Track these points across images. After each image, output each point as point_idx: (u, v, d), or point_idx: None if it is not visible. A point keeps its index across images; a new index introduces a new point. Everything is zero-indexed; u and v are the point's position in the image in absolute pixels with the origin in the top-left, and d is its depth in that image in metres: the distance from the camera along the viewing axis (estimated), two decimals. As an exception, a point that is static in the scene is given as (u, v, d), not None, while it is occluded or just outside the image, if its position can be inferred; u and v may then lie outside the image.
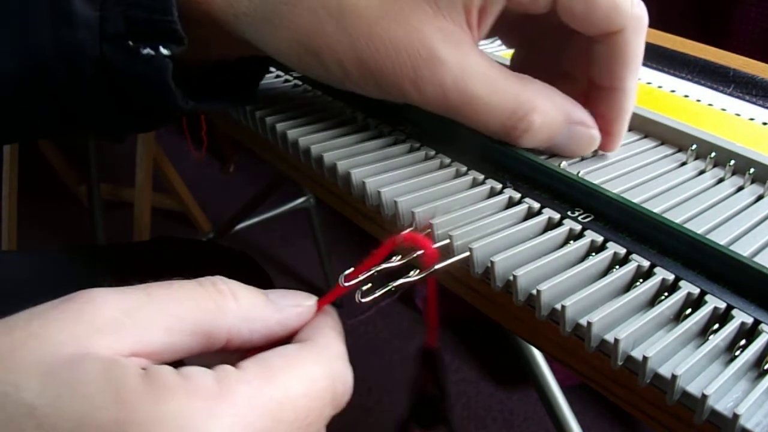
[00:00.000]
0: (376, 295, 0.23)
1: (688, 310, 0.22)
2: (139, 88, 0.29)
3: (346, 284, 0.23)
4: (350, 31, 0.27)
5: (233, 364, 0.19)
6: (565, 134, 0.30)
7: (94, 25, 0.27)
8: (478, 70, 0.27)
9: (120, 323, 0.18)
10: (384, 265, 0.23)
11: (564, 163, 0.30)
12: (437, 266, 0.24)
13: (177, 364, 0.19)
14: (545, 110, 0.28)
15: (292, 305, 0.22)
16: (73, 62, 0.28)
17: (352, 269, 0.23)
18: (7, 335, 0.17)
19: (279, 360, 0.20)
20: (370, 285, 0.24)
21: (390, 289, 0.24)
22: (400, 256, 0.24)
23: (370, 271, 0.23)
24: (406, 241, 0.24)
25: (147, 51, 0.28)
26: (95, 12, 0.27)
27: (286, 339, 0.22)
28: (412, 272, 0.24)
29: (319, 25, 0.27)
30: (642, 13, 0.28)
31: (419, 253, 0.24)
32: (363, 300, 0.23)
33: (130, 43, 0.28)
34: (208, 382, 0.18)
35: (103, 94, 0.29)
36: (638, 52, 0.29)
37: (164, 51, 0.28)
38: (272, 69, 0.41)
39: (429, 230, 0.25)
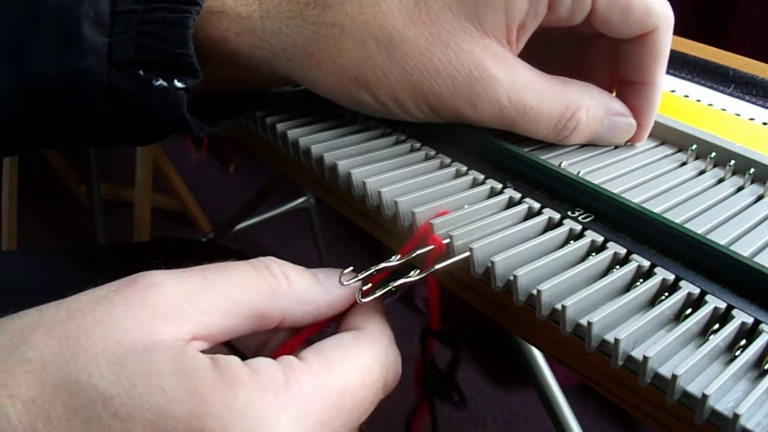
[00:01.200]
0: (376, 295, 0.23)
1: (689, 310, 0.22)
2: (151, 117, 0.28)
3: (391, 264, 0.24)
4: (401, 60, 0.27)
5: (280, 340, 0.21)
6: (606, 126, 0.31)
7: (102, 51, 0.27)
8: (528, 81, 0.28)
9: (181, 309, 0.19)
10: (402, 281, 0.24)
11: (564, 163, 0.30)
12: (437, 266, 0.24)
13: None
14: (589, 107, 0.30)
15: (340, 286, 0.23)
16: (79, 88, 0.27)
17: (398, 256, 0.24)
18: (73, 320, 0.18)
19: (338, 352, 0.21)
20: (370, 285, 0.24)
21: (390, 289, 0.24)
22: (398, 256, 0.24)
23: (409, 256, 0.24)
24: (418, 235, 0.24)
25: (159, 83, 0.27)
26: (104, 38, 0.27)
27: (333, 317, 0.23)
28: (412, 272, 0.24)
29: (369, 58, 0.27)
30: (670, 12, 0.29)
31: (429, 248, 0.24)
32: (363, 300, 0.23)
33: (141, 72, 0.27)
34: (276, 376, 0.18)
35: (110, 118, 0.29)
36: (668, 47, 0.30)
37: (178, 84, 0.27)
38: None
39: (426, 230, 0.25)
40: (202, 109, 0.30)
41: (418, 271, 0.24)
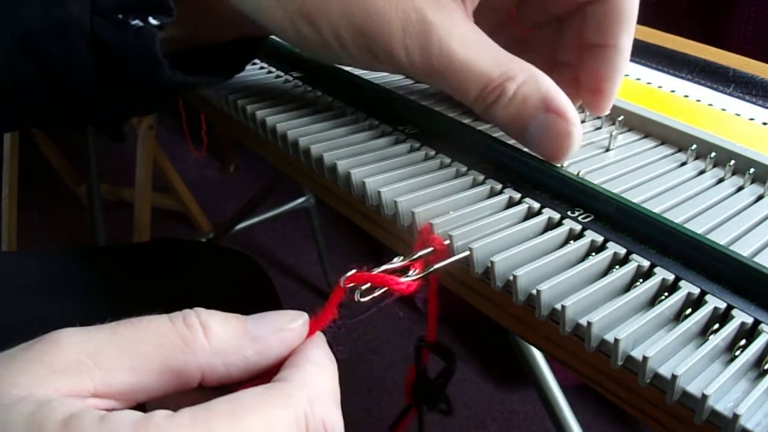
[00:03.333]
0: (374, 294, 0.23)
1: (688, 310, 0.22)
2: (128, 61, 0.29)
3: (347, 285, 0.22)
4: None
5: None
6: (540, 122, 0.28)
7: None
8: (465, 36, 0.28)
9: (80, 365, 0.18)
10: (402, 280, 0.23)
11: (564, 163, 0.30)
12: (437, 266, 0.24)
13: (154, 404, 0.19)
14: (523, 82, 0.28)
15: (273, 330, 0.21)
16: (63, 38, 0.28)
17: (353, 271, 0.22)
18: None
19: (223, 405, 0.18)
20: (369, 285, 0.23)
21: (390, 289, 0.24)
22: (402, 257, 0.24)
23: (375, 271, 0.22)
24: (422, 236, 0.24)
25: (136, 22, 0.28)
26: None
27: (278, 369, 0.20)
28: (411, 272, 0.24)
29: None
30: None
31: (429, 250, 0.24)
32: (362, 299, 0.23)
33: (120, 16, 0.28)
34: (125, 428, 0.17)
35: (93, 70, 0.29)
36: (633, 9, 0.29)
37: (153, 21, 0.28)
38: (273, 69, 0.41)
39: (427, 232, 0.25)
40: (183, 70, 0.31)
41: (417, 270, 0.24)
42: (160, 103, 0.34)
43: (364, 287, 0.23)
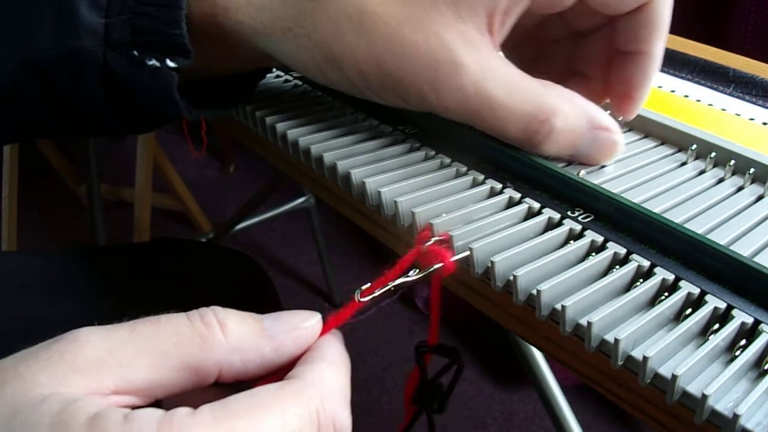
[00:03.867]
0: (375, 294, 0.23)
1: (688, 310, 0.22)
2: (143, 98, 0.29)
3: (363, 299, 0.22)
4: (370, 38, 0.27)
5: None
6: (588, 140, 0.29)
7: (99, 32, 0.27)
8: (499, 73, 0.27)
9: (101, 362, 0.18)
10: (401, 280, 0.23)
11: (564, 163, 0.30)
12: (437, 265, 0.24)
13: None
14: (567, 114, 0.28)
15: (288, 329, 0.21)
16: (74, 69, 0.27)
17: (368, 284, 0.22)
18: None
19: (242, 403, 0.18)
20: (369, 285, 0.23)
21: (390, 289, 0.24)
22: (417, 270, 0.24)
23: (387, 285, 0.23)
24: (429, 252, 0.24)
25: (152, 63, 0.27)
26: (101, 19, 0.27)
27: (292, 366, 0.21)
28: (411, 272, 0.24)
29: (340, 33, 0.27)
30: None
31: (438, 266, 0.24)
32: (362, 299, 0.23)
33: (135, 53, 0.27)
34: (147, 426, 0.17)
35: (105, 100, 0.29)
36: (666, 17, 0.29)
37: (170, 64, 0.27)
38: (273, 70, 0.41)
39: (443, 240, 0.25)
40: (194, 98, 0.30)
41: (417, 270, 0.24)
42: (166, 124, 0.34)
43: (364, 287, 0.23)
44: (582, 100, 0.29)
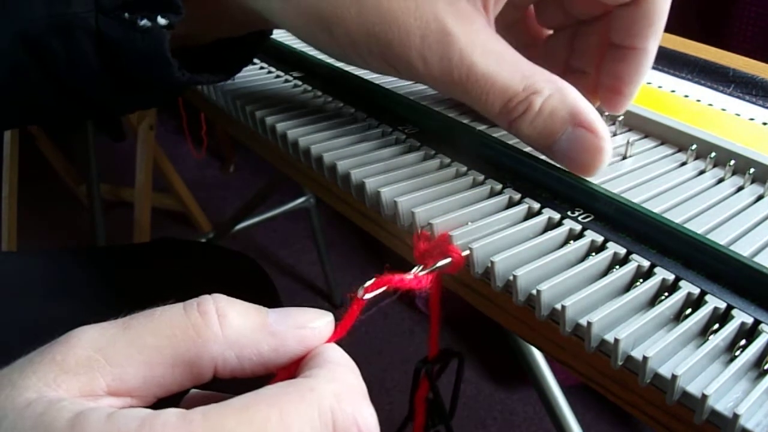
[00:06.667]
0: (376, 292, 0.23)
1: (688, 310, 0.22)
2: (136, 61, 0.29)
3: (366, 296, 0.21)
4: (360, 3, 0.27)
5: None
6: (569, 134, 0.27)
7: None
8: (487, 46, 0.27)
9: (92, 362, 0.18)
10: (404, 276, 0.22)
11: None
12: (438, 264, 0.24)
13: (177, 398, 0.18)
14: (551, 97, 0.27)
15: (293, 327, 0.20)
16: (68, 37, 0.27)
17: (372, 281, 0.21)
18: None
19: (240, 401, 0.17)
20: (372, 282, 0.23)
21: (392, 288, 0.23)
22: (421, 267, 0.24)
23: (389, 284, 0.22)
24: (435, 248, 0.24)
25: (144, 22, 0.27)
26: None
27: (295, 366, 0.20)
28: (412, 269, 0.24)
29: None
30: None
31: (447, 261, 0.24)
32: (365, 297, 0.23)
33: (127, 15, 0.27)
34: (129, 424, 0.16)
35: (100, 68, 0.29)
36: (664, 13, 0.29)
37: (162, 21, 0.27)
38: (273, 69, 0.41)
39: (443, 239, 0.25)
40: (189, 65, 0.30)
41: (421, 267, 0.24)
42: (164, 98, 0.34)
43: (367, 284, 0.22)
44: (572, 91, 0.27)
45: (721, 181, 0.30)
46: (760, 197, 0.28)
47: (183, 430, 0.16)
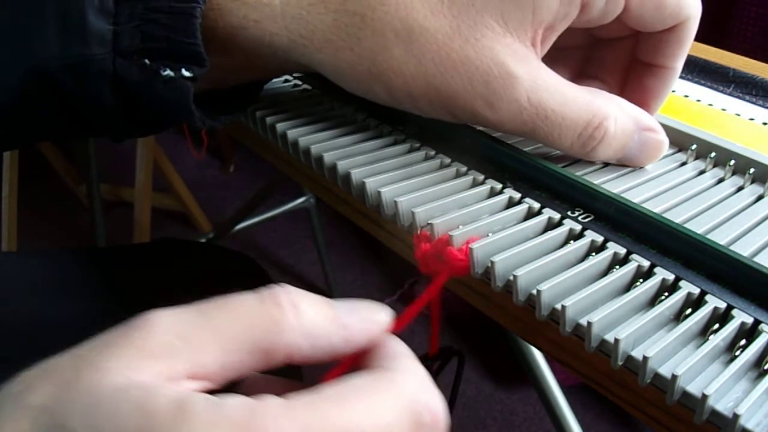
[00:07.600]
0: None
1: (688, 310, 0.22)
2: (156, 108, 0.28)
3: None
4: (418, 54, 0.26)
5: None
6: (636, 142, 0.29)
7: (107, 39, 0.26)
8: (550, 83, 0.27)
9: (172, 347, 0.18)
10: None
11: (564, 163, 0.30)
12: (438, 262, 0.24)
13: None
14: (618, 117, 0.28)
15: (361, 320, 0.21)
16: (83, 76, 0.27)
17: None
18: (71, 365, 0.18)
19: (335, 392, 0.18)
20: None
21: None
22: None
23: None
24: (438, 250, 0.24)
25: (167, 72, 0.27)
26: (109, 26, 0.26)
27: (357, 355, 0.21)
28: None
29: (386, 48, 0.27)
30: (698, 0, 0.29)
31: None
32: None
33: (147, 61, 0.27)
34: (237, 413, 0.17)
35: (114, 108, 0.28)
36: (694, 34, 0.29)
37: (185, 73, 0.27)
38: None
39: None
40: (202, 104, 0.30)
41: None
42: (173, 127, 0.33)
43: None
44: (626, 103, 0.29)
45: (721, 181, 0.30)
46: (760, 197, 0.28)
47: (289, 418, 0.17)
